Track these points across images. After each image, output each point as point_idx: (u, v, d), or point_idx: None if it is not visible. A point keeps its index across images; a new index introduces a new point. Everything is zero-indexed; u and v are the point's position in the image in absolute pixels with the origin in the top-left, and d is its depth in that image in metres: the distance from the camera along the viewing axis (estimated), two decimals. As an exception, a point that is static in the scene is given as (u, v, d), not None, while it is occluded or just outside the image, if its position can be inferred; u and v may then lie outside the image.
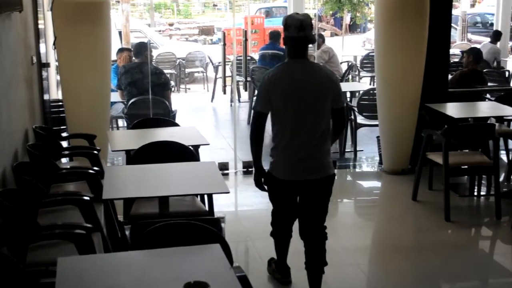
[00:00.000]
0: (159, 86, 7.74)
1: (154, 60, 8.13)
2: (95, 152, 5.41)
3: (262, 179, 4.31)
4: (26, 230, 3.46)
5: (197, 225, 3.22)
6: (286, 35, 4.17)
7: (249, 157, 7.11)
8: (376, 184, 7.40)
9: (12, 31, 5.32)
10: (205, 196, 4.96)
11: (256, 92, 4.59)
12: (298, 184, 4.17)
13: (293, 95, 4.09)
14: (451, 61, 10.12)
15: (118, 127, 9.03)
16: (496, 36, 12.26)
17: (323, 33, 16.35)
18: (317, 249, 4.23)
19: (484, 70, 9.07)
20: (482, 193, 6.61)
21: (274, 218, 4.49)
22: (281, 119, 4.14)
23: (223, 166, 7.18)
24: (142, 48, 7.95)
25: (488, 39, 12.70)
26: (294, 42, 4.14)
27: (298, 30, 4.08)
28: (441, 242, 5.43)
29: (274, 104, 4.12)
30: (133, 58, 8.55)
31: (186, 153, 4.93)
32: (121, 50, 9.12)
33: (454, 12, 16.19)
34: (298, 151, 4.11)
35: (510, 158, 7.38)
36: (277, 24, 17.92)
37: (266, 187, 4.33)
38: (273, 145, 4.21)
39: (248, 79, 9.37)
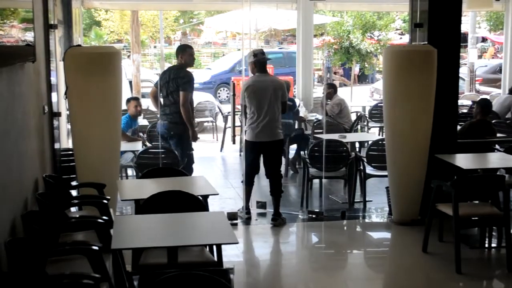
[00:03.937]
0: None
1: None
2: (105, 201, 5.41)
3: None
4: (34, 279, 3.44)
5: (206, 276, 3.20)
6: (256, 59, 7.16)
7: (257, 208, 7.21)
8: (386, 235, 7.35)
9: (25, 82, 5.39)
10: (214, 246, 4.93)
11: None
12: (260, 144, 7.14)
13: (258, 94, 7.11)
14: (460, 112, 10.11)
15: (127, 176, 9.05)
16: None
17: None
18: (276, 183, 7.22)
19: (493, 121, 9.08)
20: (493, 245, 6.54)
21: (246, 172, 7.24)
22: (251, 108, 7.13)
23: (232, 216, 7.16)
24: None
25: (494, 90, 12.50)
26: (260, 62, 7.17)
27: (262, 54, 7.22)
28: (452, 295, 5.37)
29: (247, 99, 7.15)
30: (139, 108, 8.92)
31: (195, 203, 4.93)
32: (128, 101, 9.30)
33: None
34: (260, 125, 7.07)
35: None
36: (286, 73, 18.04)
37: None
38: (247, 122, 7.20)
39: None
